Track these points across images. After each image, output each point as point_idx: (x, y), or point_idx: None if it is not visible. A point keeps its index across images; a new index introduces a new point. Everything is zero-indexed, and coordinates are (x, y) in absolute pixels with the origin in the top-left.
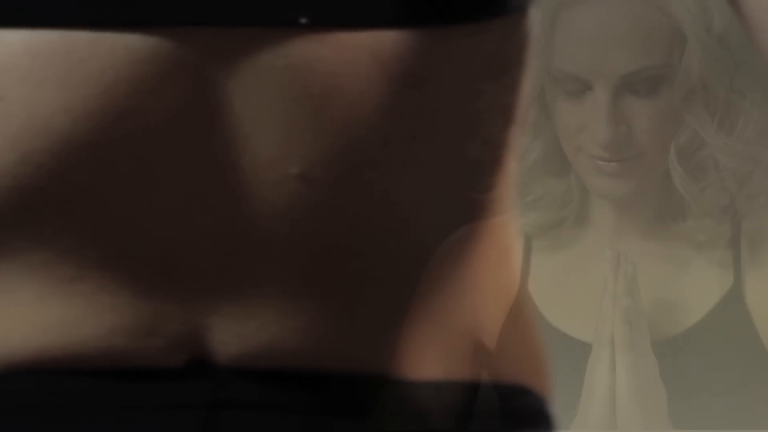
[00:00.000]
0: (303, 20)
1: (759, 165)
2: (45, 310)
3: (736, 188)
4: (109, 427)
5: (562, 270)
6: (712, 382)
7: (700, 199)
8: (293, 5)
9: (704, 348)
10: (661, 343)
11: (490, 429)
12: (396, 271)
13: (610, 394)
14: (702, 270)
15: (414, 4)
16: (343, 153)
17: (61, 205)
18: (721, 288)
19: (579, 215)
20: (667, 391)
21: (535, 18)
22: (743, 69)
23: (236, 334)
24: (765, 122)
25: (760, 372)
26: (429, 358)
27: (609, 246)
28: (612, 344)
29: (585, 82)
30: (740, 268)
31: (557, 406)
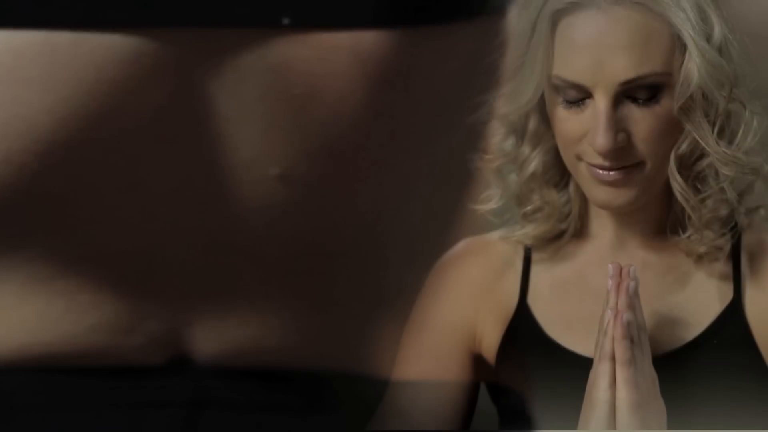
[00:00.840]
0: (285, 21)
1: (759, 176)
2: (25, 309)
3: (737, 200)
4: (90, 424)
5: (561, 283)
6: (712, 397)
7: (700, 210)
8: (275, 6)
9: (704, 363)
10: (661, 358)
11: (485, 428)
12: (375, 270)
13: (610, 409)
14: (702, 283)
15: (393, 5)
16: (323, 153)
17: (43, 205)
18: (721, 302)
19: (579, 228)
20: (667, 406)
21: (514, 20)
22: (743, 79)
23: (216, 332)
24: (765, 133)
25: (760, 387)
26: (415, 360)
27: (609, 259)
28: (612, 359)
29: (584, 90)
30: (740, 281)
31: (556, 422)
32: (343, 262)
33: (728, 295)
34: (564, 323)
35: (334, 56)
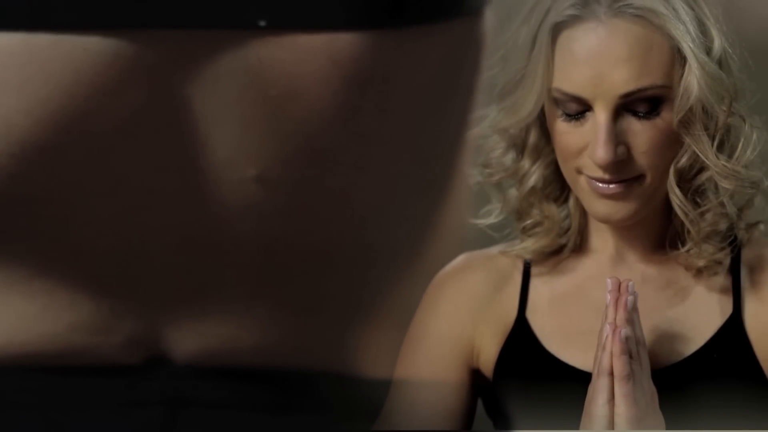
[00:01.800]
0: (262, 23)
1: (759, 190)
2: (4, 309)
3: (736, 215)
4: (69, 424)
5: (560, 297)
6: (712, 411)
7: (699, 223)
8: (252, 8)
9: (704, 377)
10: (661, 372)
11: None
12: (354, 270)
13: (609, 424)
14: (702, 298)
15: (368, 7)
16: (300, 154)
17: (21, 206)
18: (721, 316)
19: (578, 242)
20: (666, 421)
21: (490, 20)
22: (743, 93)
23: (194, 331)
24: (765, 148)
25: (760, 401)
26: (413, 374)
27: (609, 274)
28: (611, 374)
29: (584, 103)
30: (740, 296)
31: None
32: (323, 262)
33: (728, 309)
34: (563, 337)
35: (310, 58)
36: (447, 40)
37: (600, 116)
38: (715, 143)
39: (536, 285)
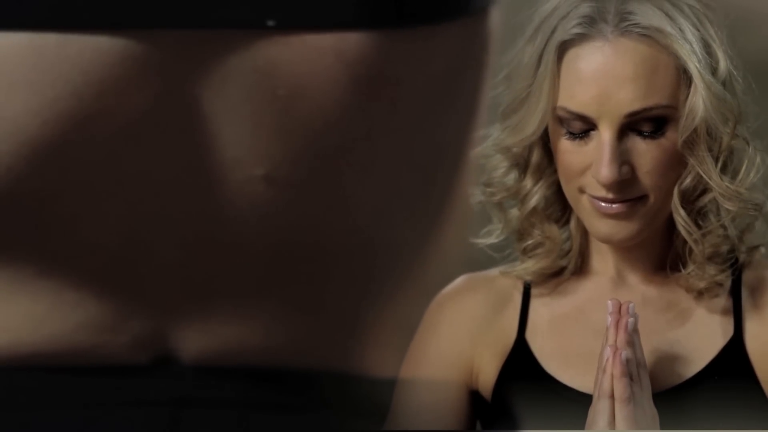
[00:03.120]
0: (270, 23)
1: (761, 213)
2: (11, 308)
3: (737, 237)
4: (75, 423)
5: (560, 319)
6: None
7: (702, 243)
8: (261, 8)
9: (705, 399)
10: (662, 394)
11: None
12: (359, 270)
13: None
14: (702, 320)
15: (376, 7)
16: (307, 153)
17: (29, 205)
18: (722, 338)
19: (579, 264)
20: None
21: (496, 18)
22: (746, 116)
23: (200, 330)
24: (767, 172)
25: (761, 423)
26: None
27: (610, 295)
28: (611, 397)
29: (589, 121)
30: (741, 317)
31: None
32: (329, 261)
33: (729, 331)
34: (562, 359)
35: (318, 57)
36: (454, 39)
37: (605, 135)
38: (719, 165)
39: (536, 306)
